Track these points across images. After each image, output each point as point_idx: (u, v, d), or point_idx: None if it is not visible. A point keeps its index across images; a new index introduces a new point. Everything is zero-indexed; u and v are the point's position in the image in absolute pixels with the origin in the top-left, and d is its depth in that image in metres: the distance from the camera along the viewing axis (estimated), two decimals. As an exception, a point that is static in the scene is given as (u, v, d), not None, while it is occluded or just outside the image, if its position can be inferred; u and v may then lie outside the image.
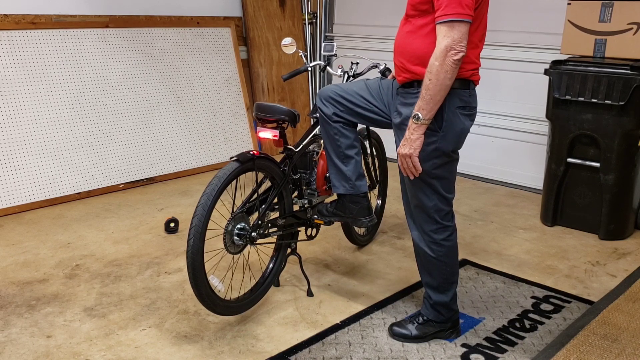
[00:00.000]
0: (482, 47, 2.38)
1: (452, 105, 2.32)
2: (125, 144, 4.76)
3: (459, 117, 2.35)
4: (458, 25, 2.15)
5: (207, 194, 2.52)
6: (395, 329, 2.68)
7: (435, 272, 2.58)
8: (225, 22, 5.53)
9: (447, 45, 2.15)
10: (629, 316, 2.80)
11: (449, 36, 2.15)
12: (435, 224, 2.50)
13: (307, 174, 3.13)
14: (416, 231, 2.58)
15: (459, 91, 2.32)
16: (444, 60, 2.16)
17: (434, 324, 2.65)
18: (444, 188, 2.46)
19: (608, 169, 3.76)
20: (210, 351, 2.57)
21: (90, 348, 2.58)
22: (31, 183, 4.25)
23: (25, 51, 4.32)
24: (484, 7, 2.32)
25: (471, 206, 4.46)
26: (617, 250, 3.71)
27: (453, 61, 2.16)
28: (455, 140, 2.38)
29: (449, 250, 2.55)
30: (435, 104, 2.24)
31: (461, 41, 2.16)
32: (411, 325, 2.66)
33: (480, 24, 2.32)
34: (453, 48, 2.15)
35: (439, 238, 2.52)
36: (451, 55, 2.16)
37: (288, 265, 3.18)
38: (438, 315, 2.64)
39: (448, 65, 2.16)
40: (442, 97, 2.24)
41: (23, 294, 3.04)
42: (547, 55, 4.37)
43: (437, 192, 2.46)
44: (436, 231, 2.51)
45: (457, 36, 2.15)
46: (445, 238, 2.53)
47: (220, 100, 5.39)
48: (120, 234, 3.83)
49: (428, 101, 2.23)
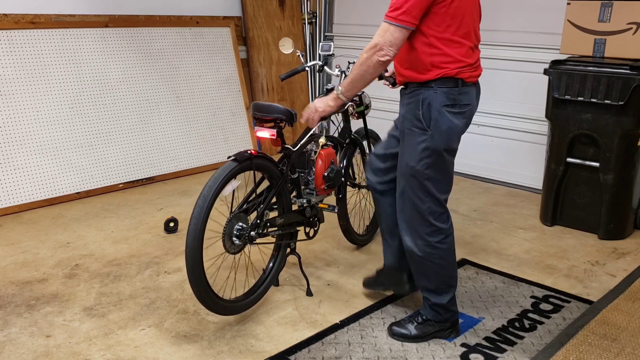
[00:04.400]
0: (472, 45, 2.39)
1: (438, 104, 2.33)
2: (125, 144, 4.75)
3: (446, 115, 2.36)
4: (393, 29, 2.23)
5: (204, 193, 2.51)
6: (395, 328, 2.68)
7: (432, 275, 2.58)
8: (225, 21, 5.52)
9: (377, 43, 2.26)
10: (628, 316, 2.80)
11: (382, 36, 2.25)
12: (429, 226, 2.49)
13: (305, 174, 3.13)
14: (408, 236, 2.56)
15: (445, 89, 2.33)
16: (371, 56, 2.29)
17: (433, 323, 2.65)
18: (437, 189, 2.45)
19: (607, 169, 3.76)
20: (209, 351, 2.57)
21: (90, 348, 2.58)
22: (31, 183, 4.25)
23: (24, 51, 4.32)
24: (462, 6, 2.31)
25: (471, 206, 4.46)
26: (616, 250, 3.71)
27: (378, 61, 2.28)
28: (445, 138, 2.38)
29: (445, 252, 2.54)
30: (354, 89, 2.44)
31: (391, 45, 2.24)
32: (410, 325, 2.66)
33: (462, 23, 2.32)
34: (382, 49, 2.25)
35: (434, 241, 2.51)
36: (378, 55, 2.27)
37: (287, 264, 3.18)
38: (437, 315, 2.64)
39: (372, 62, 2.28)
40: (362, 86, 2.42)
41: (22, 293, 3.04)
42: (546, 55, 4.37)
43: (430, 193, 2.45)
44: (430, 234, 2.50)
45: (388, 39, 2.24)
46: (440, 241, 2.51)
47: (220, 100, 5.39)
48: (119, 233, 3.83)
49: (349, 83, 2.43)
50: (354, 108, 3.32)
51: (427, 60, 2.33)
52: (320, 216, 3.18)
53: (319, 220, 3.18)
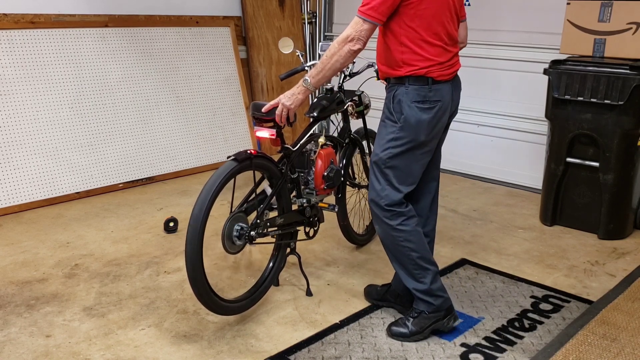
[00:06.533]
0: (443, 44, 2.48)
1: (409, 100, 2.48)
2: (125, 144, 4.75)
3: (415, 110, 2.49)
4: (362, 22, 2.39)
5: (204, 193, 2.51)
6: (393, 328, 2.69)
7: (404, 259, 2.62)
8: (225, 21, 5.52)
9: (349, 34, 2.40)
10: (628, 316, 2.80)
11: (352, 28, 2.40)
12: (387, 211, 2.58)
13: (305, 173, 3.13)
14: (377, 224, 2.66)
15: (416, 87, 2.48)
16: (343, 46, 2.41)
17: (427, 314, 2.66)
18: (397, 178, 2.55)
19: (607, 169, 3.76)
20: (209, 351, 2.57)
21: (90, 347, 2.58)
22: (30, 182, 4.25)
23: (24, 51, 4.32)
24: (431, 8, 2.41)
25: (470, 206, 4.46)
26: (616, 249, 3.71)
27: (350, 50, 2.40)
28: (413, 130, 2.49)
29: (409, 234, 2.59)
30: (323, 78, 2.50)
31: (360, 37, 2.39)
32: (407, 322, 2.67)
33: (431, 23, 2.43)
34: (353, 39, 2.40)
35: (395, 224, 2.58)
36: (349, 45, 2.40)
37: (287, 264, 3.18)
38: (428, 305, 2.65)
39: (344, 51, 2.41)
40: (331, 75, 2.50)
41: (22, 293, 3.04)
42: (546, 54, 4.37)
43: (390, 182, 2.55)
44: (390, 217, 2.58)
45: (357, 30, 2.39)
46: (401, 223, 2.58)
47: (220, 99, 5.39)
48: (119, 233, 3.83)
49: (317, 72, 2.50)
50: (353, 108, 3.32)
51: (399, 58, 2.47)
52: (320, 216, 3.18)
53: (319, 220, 3.18)
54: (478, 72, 4.89)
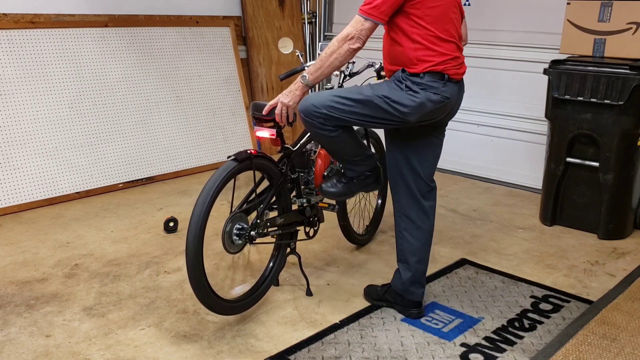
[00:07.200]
0: (456, 41, 2.50)
1: (422, 85, 2.46)
2: (125, 144, 4.75)
3: (427, 93, 2.46)
4: (363, 21, 2.41)
5: (204, 193, 2.51)
6: (323, 186, 2.88)
7: (337, 150, 2.70)
8: (225, 21, 5.52)
9: (349, 33, 2.42)
10: (628, 315, 2.80)
11: (353, 26, 2.42)
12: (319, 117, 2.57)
13: (305, 173, 3.13)
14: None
15: (431, 80, 2.46)
16: (342, 44, 2.43)
17: (356, 182, 2.84)
18: (354, 101, 2.51)
19: (607, 169, 3.77)
20: (209, 351, 2.57)
21: (90, 347, 2.58)
22: (30, 182, 4.25)
23: (24, 50, 4.32)
24: (439, 6, 2.43)
25: (470, 206, 4.46)
26: (616, 249, 3.71)
27: (349, 48, 2.42)
28: (412, 106, 2.45)
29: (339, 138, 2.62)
30: (321, 75, 2.52)
31: (360, 35, 2.41)
32: (338, 184, 2.85)
33: (442, 20, 2.44)
34: (353, 37, 2.42)
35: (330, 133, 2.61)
36: (349, 43, 2.42)
37: (287, 264, 3.18)
38: (358, 177, 2.83)
39: (343, 50, 2.43)
40: (329, 73, 2.52)
41: (22, 293, 3.03)
42: (546, 54, 4.37)
43: (341, 103, 2.51)
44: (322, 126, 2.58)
45: (358, 29, 2.40)
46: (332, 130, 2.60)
47: (220, 99, 5.39)
48: (119, 233, 3.83)
49: (316, 70, 2.51)
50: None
51: (413, 55, 2.46)
52: (320, 216, 3.18)
53: (319, 220, 3.18)
54: (478, 72, 4.89)
